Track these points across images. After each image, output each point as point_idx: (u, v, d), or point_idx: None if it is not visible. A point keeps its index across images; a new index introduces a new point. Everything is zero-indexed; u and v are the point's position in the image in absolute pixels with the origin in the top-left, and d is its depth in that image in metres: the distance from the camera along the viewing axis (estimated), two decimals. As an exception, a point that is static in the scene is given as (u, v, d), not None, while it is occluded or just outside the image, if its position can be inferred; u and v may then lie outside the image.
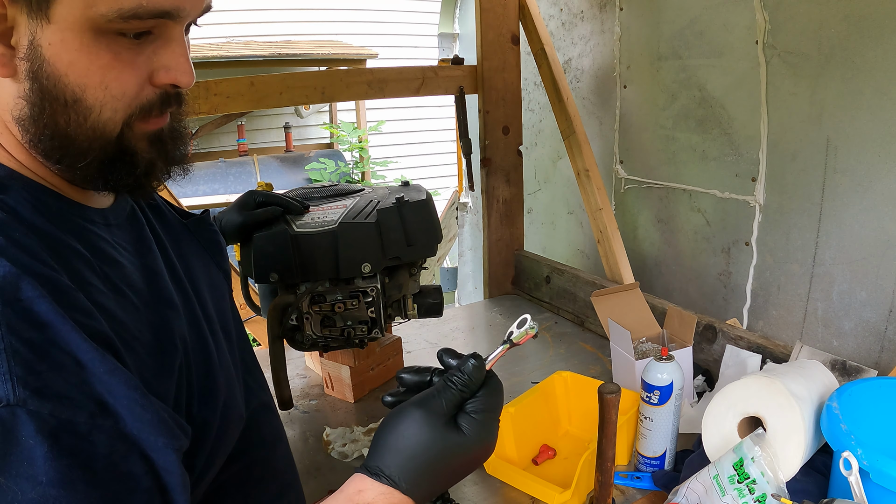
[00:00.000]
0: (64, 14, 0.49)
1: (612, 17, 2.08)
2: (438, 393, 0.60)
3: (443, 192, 5.07)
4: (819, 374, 1.01)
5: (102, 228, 0.59)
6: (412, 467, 0.57)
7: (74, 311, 0.47)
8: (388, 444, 0.58)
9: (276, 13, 5.68)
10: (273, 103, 1.69)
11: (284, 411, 1.20)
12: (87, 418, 0.46)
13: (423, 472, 0.58)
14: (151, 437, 0.49)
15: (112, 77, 0.52)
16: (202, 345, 0.65)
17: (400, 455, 0.57)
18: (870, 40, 1.35)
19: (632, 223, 2.15)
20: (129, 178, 0.58)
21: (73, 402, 0.45)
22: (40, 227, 0.51)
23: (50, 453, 0.43)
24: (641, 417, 1.07)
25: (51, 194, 0.56)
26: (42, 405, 0.44)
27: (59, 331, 0.46)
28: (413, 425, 0.58)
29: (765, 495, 0.81)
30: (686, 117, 1.85)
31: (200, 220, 0.80)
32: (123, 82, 0.53)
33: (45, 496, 0.43)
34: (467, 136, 1.98)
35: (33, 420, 0.43)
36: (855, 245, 1.46)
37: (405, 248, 1.20)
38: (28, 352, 0.44)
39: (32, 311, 0.45)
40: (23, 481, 0.43)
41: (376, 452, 0.58)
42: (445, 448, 0.58)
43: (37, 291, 0.45)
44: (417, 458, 0.57)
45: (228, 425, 0.65)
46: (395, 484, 0.57)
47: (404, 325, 1.78)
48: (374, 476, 0.57)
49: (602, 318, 1.39)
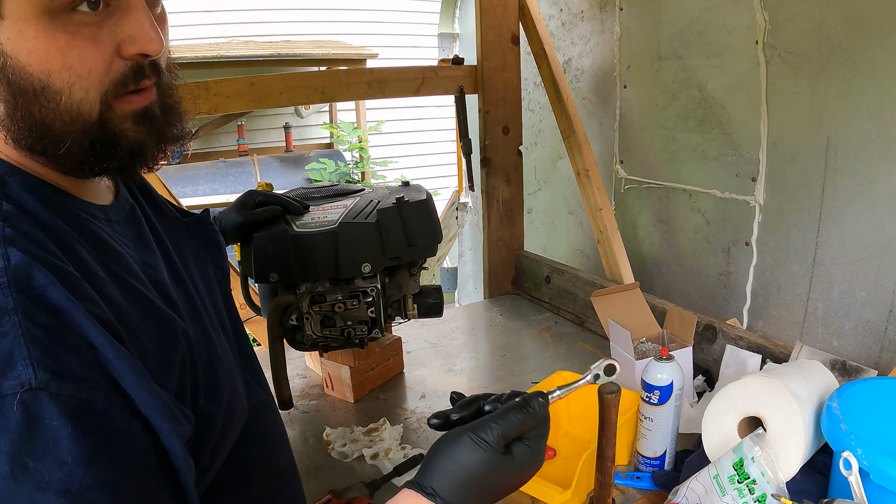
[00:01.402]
0: (14, 7, 0.49)
1: (612, 17, 2.08)
2: (498, 423, 0.62)
3: (443, 192, 5.06)
4: (819, 374, 1.01)
5: (104, 223, 0.60)
6: (466, 492, 0.59)
7: (81, 299, 0.48)
8: (445, 467, 0.60)
9: (276, 13, 5.67)
10: (273, 103, 1.69)
11: (284, 411, 1.20)
12: (104, 397, 0.47)
13: (476, 496, 0.60)
14: (157, 421, 0.50)
15: (74, 56, 0.51)
16: (205, 340, 0.65)
17: (456, 480, 0.59)
18: (870, 40, 1.35)
19: (632, 223, 2.15)
20: (112, 160, 0.57)
21: (90, 382, 0.47)
22: (44, 219, 0.52)
23: (74, 434, 0.45)
24: (641, 417, 1.07)
25: (51, 188, 0.56)
26: (63, 387, 0.45)
27: (71, 315, 0.47)
28: (473, 454, 0.60)
29: (765, 495, 0.81)
30: (686, 117, 1.85)
31: (200, 220, 0.80)
32: (87, 59, 0.52)
33: (71, 475, 0.44)
34: (467, 136, 1.98)
35: (55, 402, 0.44)
36: (855, 245, 1.46)
37: (405, 248, 1.20)
38: (45, 336, 0.45)
39: (45, 298, 0.46)
40: (49, 462, 0.44)
41: (432, 473, 0.60)
42: (500, 475, 0.61)
43: (48, 279, 0.47)
44: (474, 484, 0.60)
45: (232, 418, 0.66)
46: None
47: (404, 325, 1.78)
48: (429, 496, 0.59)
49: (602, 318, 1.39)
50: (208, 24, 5.47)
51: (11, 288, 0.46)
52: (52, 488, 0.44)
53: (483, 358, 1.62)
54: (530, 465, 0.64)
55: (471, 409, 0.69)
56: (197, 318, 0.66)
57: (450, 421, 0.68)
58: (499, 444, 0.61)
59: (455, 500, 0.59)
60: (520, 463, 0.63)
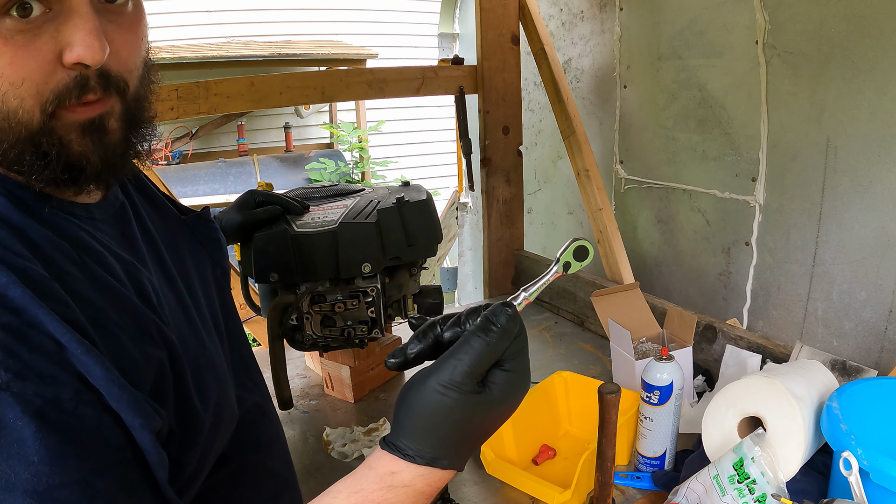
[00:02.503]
0: None
1: (612, 17, 2.08)
2: (462, 357, 0.53)
3: (443, 192, 5.06)
4: (819, 374, 1.01)
5: (86, 222, 0.59)
6: (448, 444, 0.53)
7: (47, 299, 0.48)
8: (416, 424, 0.53)
9: (276, 13, 5.68)
10: (273, 103, 1.69)
11: (284, 411, 1.20)
12: (73, 395, 0.47)
13: (460, 445, 0.55)
14: (128, 416, 0.49)
15: (4, 64, 0.48)
16: (195, 340, 0.64)
17: (433, 435, 0.53)
18: (870, 40, 1.35)
19: (632, 223, 2.15)
20: (44, 170, 0.53)
21: (56, 380, 0.46)
22: (13, 221, 0.52)
23: (38, 433, 0.44)
24: (641, 417, 1.07)
25: (27, 190, 0.55)
26: (25, 386, 0.44)
27: (35, 314, 0.46)
28: (443, 403, 0.53)
29: (765, 495, 0.81)
30: (686, 117, 1.85)
31: (200, 217, 0.79)
32: (19, 68, 0.48)
33: (38, 474, 0.44)
34: (467, 136, 1.98)
35: (18, 402, 0.44)
36: (855, 245, 1.46)
37: (405, 248, 1.20)
38: (6, 336, 0.45)
39: (6, 297, 0.46)
40: (15, 462, 0.44)
41: (405, 430, 0.54)
42: (483, 416, 0.55)
43: (9, 278, 0.46)
44: (455, 435, 0.54)
45: (221, 422, 0.64)
46: (434, 461, 0.53)
47: (404, 325, 1.78)
48: (408, 458, 0.53)
49: (602, 318, 1.39)
50: (208, 24, 5.47)
51: None
52: (19, 488, 0.43)
53: (483, 358, 1.61)
54: (515, 392, 0.56)
55: (427, 340, 0.60)
56: (187, 318, 0.65)
57: (408, 359, 0.60)
58: (470, 383, 0.53)
59: (438, 455, 0.53)
60: (502, 395, 0.55)
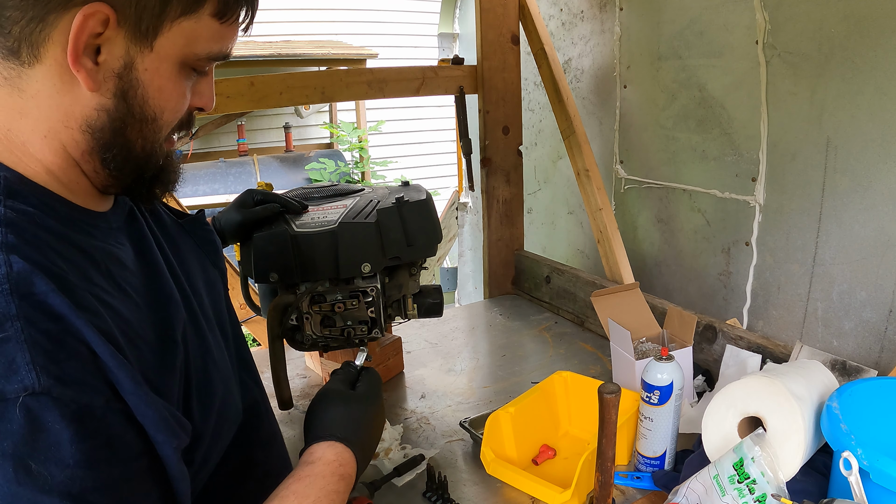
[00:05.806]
0: (166, 46, 0.56)
1: (612, 17, 2.08)
2: (340, 380, 0.82)
3: (443, 192, 5.07)
4: (819, 374, 1.01)
5: (106, 231, 0.61)
6: (364, 432, 0.75)
7: (81, 308, 0.49)
8: (337, 419, 0.74)
9: (276, 13, 5.67)
10: (273, 103, 1.69)
11: (284, 411, 1.20)
12: (104, 402, 0.48)
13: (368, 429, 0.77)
14: (152, 431, 0.51)
15: (182, 104, 0.61)
16: (200, 342, 0.66)
17: (352, 424, 0.74)
18: (870, 40, 1.35)
19: (632, 223, 2.15)
20: (149, 190, 0.65)
21: (90, 387, 0.48)
22: (48, 228, 0.53)
23: (75, 437, 0.46)
24: (641, 417, 1.07)
25: (58, 199, 0.57)
26: (64, 392, 0.46)
27: (72, 322, 0.48)
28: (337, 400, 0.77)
29: (765, 495, 0.81)
30: (686, 117, 1.85)
31: (195, 220, 0.81)
32: (182, 108, 0.62)
33: (73, 477, 0.46)
34: (467, 136, 1.98)
35: (57, 406, 0.46)
36: (855, 245, 1.46)
37: (405, 248, 1.20)
38: (47, 342, 0.46)
39: (47, 304, 0.47)
40: (52, 465, 0.45)
41: (325, 426, 0.73)
42: (367, 405, 0.79)
43: (49, 286, 0.48)
44: (361, 420, 0.76)
45: (225, 422, 0.66)
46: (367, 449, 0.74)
47: (404, 325, 1.78)
48: (342, 441, 0.70)
49: (602, 318, 1.39)
50: (208, 24, 5.45)
51: (14, 294, 0.46)
52: (56, 490, 0.45)
53: (483, 358, 1.62)
54: (373, 395, 0.81)
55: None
56: (193, 320, 0.67)
57: None
58: (346, 388, 0.80)
59: (352, 439, 0.72)
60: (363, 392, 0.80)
